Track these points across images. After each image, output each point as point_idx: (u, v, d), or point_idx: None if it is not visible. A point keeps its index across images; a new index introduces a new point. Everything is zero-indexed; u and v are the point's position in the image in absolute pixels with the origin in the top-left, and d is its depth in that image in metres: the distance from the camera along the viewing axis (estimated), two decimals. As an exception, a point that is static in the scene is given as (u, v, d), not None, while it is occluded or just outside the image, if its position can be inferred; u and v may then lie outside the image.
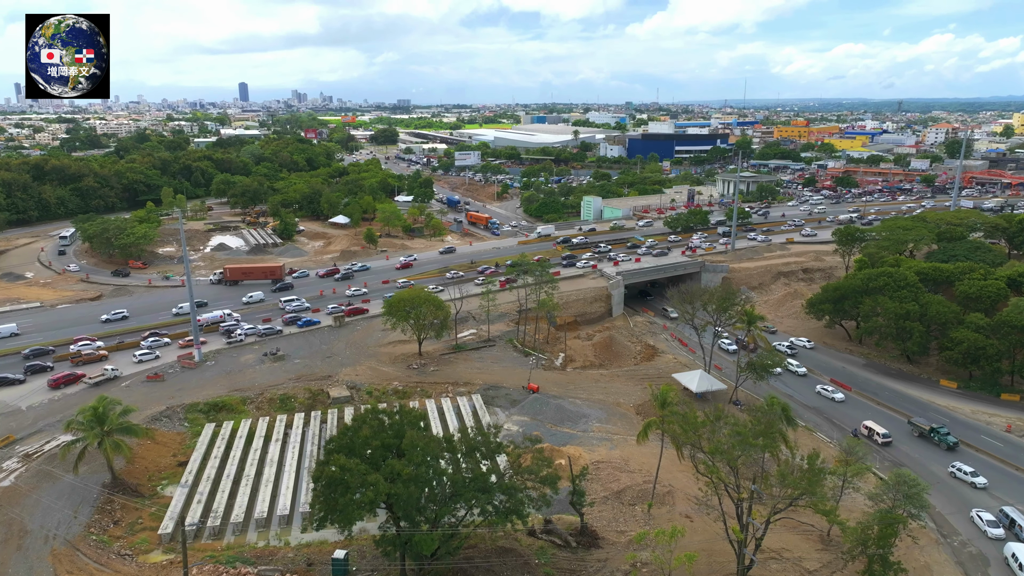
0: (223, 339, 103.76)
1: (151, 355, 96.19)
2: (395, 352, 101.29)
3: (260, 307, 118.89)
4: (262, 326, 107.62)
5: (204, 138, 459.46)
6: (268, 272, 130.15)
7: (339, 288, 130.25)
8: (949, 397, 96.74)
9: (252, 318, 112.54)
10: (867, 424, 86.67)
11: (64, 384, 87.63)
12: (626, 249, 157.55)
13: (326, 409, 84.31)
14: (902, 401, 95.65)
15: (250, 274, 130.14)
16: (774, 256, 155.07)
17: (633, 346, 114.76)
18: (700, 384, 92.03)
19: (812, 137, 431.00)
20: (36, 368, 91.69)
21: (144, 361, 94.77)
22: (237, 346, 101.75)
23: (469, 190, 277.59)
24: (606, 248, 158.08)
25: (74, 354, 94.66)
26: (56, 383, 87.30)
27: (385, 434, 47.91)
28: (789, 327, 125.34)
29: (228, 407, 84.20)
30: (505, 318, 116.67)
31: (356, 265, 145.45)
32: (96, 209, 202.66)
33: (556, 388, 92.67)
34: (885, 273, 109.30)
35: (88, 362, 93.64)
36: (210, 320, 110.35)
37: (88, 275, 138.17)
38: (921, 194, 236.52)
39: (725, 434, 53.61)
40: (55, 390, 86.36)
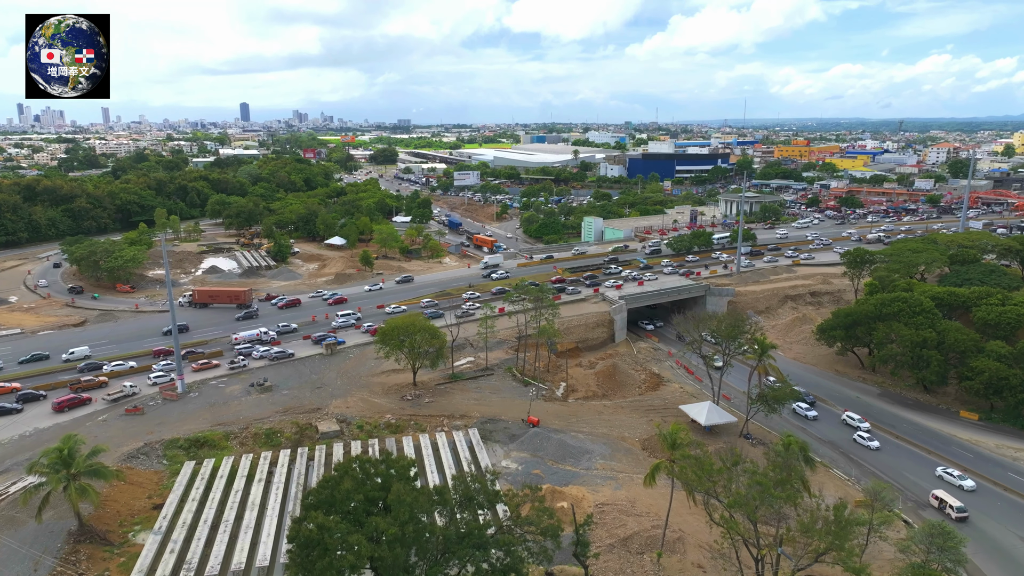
0: (245, 361, 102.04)
1: (165, 377, 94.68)
2: (388, 382, 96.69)
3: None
4: (275, 348, 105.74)
5: (203, 158, 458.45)
6: (233, 296, 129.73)
7: (332, 312, 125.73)
8: (971, 430, 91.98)
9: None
10: (937, 494, 74.42)
11: (69, 407, 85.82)
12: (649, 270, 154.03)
13: (314, 445, 79.53)
14: (922, 435, 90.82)
15: (216, 297, 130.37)
16: (780, 279, 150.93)
17: (637, 374, 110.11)
18: (709, 417, 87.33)
19: (813, 157, 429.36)
20: (29, 397, 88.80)
21: (159, 383, 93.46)
22: (236, 373, 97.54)
23: (468, 210, 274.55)
24: (616, 270, 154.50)
25: (73, 381, 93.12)
26: (60, 406, 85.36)
27: (369, 486, 43.28)
28: (798, 353, 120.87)
29: (210, 443, 79.44)
30: (504, 345, 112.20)
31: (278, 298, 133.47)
32: (88, 231, 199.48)
33: (557, 421, 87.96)
34: (899, 298, 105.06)
35: (88, 388, 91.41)
36: (248, 339, 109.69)
37: (74, 299, 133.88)
38: (927, 214, 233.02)
39: (744, 483, 48.95)
40: (59, 413, 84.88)
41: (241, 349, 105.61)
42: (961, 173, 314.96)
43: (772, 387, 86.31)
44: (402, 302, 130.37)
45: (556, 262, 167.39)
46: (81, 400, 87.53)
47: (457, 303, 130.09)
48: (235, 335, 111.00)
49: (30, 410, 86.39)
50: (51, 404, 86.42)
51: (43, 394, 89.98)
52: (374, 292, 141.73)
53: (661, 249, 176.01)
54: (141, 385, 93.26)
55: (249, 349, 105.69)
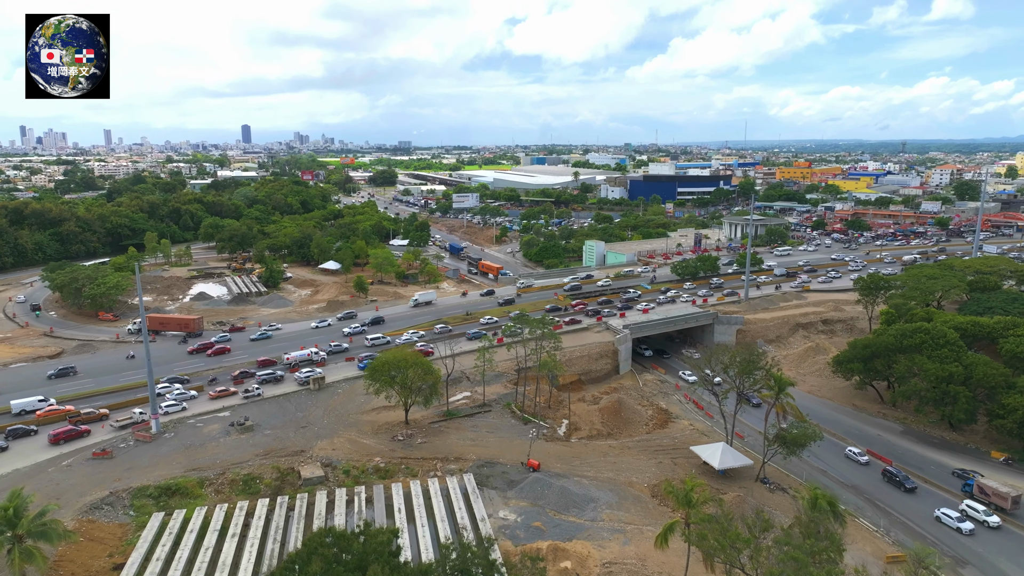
0: (259, 390, 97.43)
1: (178, 407, 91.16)
2: (379, 420, 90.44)
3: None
4: (302, 372, 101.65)
5: (202, 180, 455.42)
6: (183, 324, 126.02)
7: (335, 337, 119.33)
8: (1003, 471, 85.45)
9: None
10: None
11: (65, 440, 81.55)
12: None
13: (295, 493, 73.16)
14: (951, 478, 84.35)
15: (166, 325, 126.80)
16: (791, 306, 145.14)
17: (644, 410, 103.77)
18: (723, 460, 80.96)
19: (815, 178, 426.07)
20: (19, 432, 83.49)
21: (171, 412, 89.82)
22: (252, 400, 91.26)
23: (467, 233, 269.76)
24: (635, 293, 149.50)
25: (72, 413, 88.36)
26: (56, 438, 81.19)
27: (342, 568, 37.13)
28: (813, 386, 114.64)
29: (183, 491, 73.03)
30: (503, 378, 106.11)
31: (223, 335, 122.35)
32: (77, 255, 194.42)
33: (559, 464, 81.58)
34: (921, 329, 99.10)
35: (88, 421, 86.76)
36: (298, 359, 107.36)
37: (52, 328, 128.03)
38: (937, 237, 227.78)
39: (775, 556, 42.74)
40: (55, 446, 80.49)
41: (264, 376, 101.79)
42: (967, 195, 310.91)
43: (792, 428, 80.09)
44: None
45: (558, 288, 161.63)
46: (79, 432, 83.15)
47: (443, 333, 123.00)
48: (287, 355, 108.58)
49: (16, 447, 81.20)
50: (47, 436, 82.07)
51: (34, 429, 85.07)
52: (321, 329, 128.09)
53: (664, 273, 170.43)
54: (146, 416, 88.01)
55: (269, 375, 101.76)
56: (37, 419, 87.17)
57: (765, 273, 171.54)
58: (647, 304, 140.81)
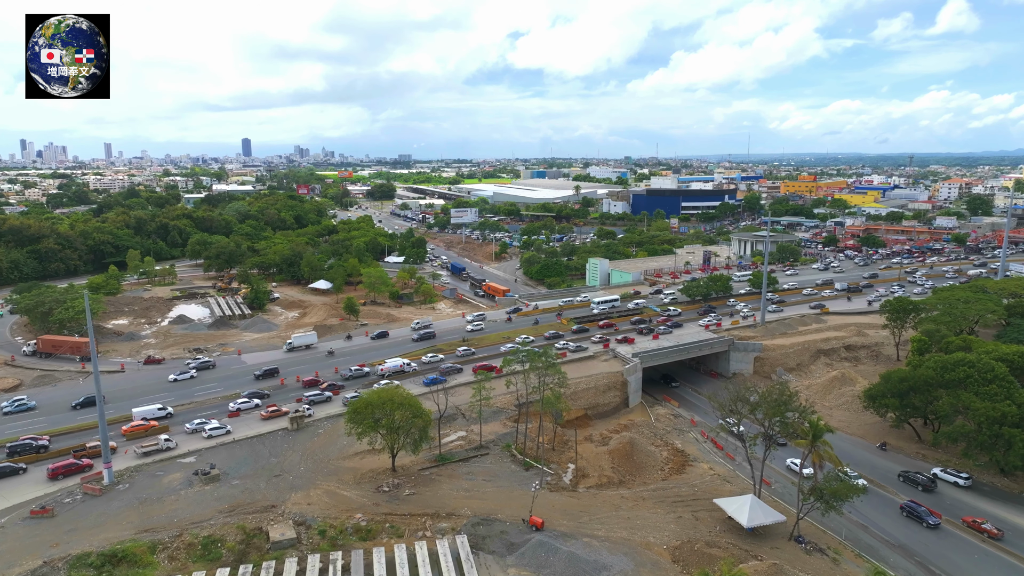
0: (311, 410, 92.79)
1: (222, 430, 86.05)
2: (362, 467, 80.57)
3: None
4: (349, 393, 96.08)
5: (197, 193, 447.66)
6: (75, 348, 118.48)
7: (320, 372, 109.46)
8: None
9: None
10: None
11: (64, 474, 76.13)
12: None
13: (260, 560, 63.16)
14: (1012, 534, 74.34)
15: (59, 347, 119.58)
16: (810, 330, 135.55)
17: (658, 451, 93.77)
18: (752, 517, 70.98)
19: (821, 192, 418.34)
20: (6, 471, 76.66)
21: (214, 436, 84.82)
22: (169, 459, 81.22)
23: (466, 249, 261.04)
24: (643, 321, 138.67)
25: (77, 447, 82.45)
26: (55, 473, 75.93)
27: None
28: (841, 421, 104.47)
29: (130, 558, 62.93)
30: (501, 415, 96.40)
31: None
32: (56, 274, 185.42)
33: (566, 521, 71.60)
34: (964, 362, 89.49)
35: (94, 456, 79.94)
36: (392, 369, 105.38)
37: (14, 356, 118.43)
38: (956, 254, 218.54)
39: None
40: (54, 481, 75.14)
41: (312, 397, 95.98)
42: (980, 210, 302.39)
43: (830, 479, 70.23)
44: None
45: (562, 309, 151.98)
46: (80, 467, 77.66)
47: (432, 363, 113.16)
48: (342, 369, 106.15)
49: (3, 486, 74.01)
50: (46, 470, 76.68)
51: (23, 467, 77.66)
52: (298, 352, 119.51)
53: (677, 296, 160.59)
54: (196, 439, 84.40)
55: (318, 396, 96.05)
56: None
57: (828, 287, 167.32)
58: (657, 329, 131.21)
